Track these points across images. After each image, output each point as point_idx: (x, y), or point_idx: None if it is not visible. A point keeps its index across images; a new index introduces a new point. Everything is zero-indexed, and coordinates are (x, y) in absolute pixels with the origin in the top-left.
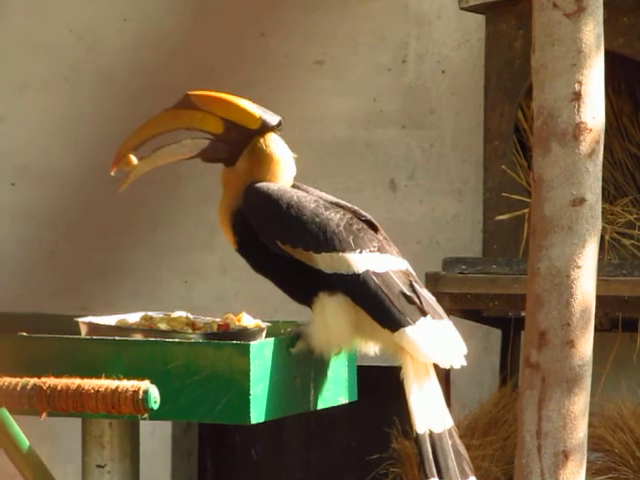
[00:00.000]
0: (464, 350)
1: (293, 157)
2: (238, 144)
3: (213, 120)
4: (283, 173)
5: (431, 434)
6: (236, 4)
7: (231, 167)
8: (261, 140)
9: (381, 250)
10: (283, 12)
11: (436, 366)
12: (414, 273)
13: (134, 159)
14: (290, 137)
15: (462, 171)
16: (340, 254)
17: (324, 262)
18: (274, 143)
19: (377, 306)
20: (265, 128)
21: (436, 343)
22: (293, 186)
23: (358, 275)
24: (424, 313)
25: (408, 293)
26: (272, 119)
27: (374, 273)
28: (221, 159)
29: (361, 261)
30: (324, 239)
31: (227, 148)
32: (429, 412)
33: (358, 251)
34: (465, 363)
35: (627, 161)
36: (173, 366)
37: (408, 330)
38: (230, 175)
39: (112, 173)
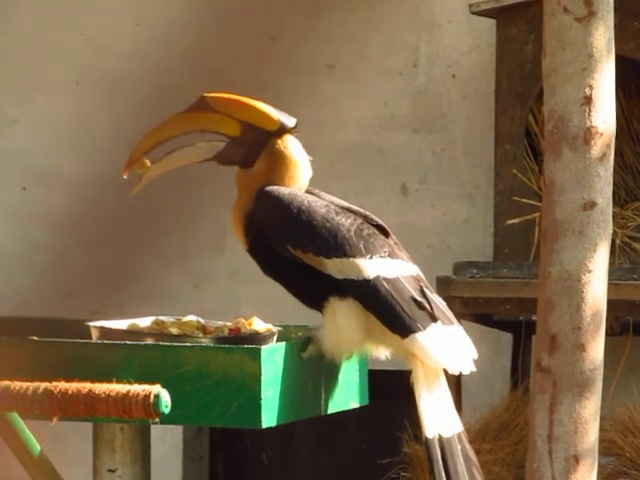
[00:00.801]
0: (474, 355)
1: (309, 159)
2: (255, 146)
3: (230, 122)
4: (301, 175)
5: (440, 439)
6: (247, 8)
7: (247, 169)
8: (279, 142)
9: (392, 255)
10: (294, 16)
11: (446, 371)
12: (424, 278)
13: (147, 162)
14: (301, 141)
15: (473, 175)
16: (351, 259)
17: (334, 267)
18: (292, 145)
19: (387, 312)
20: (283, 130)
21: (446, 349)
22: (306, 190)
23: (368, 281)
24: (434, 319)
25: (419, 299)
26: (289, 121)
27: (385, 279)
28: (237, 161)
29: (372, 267)
30: (335, 244)
31: (244, 150)
32: (439, 417)
33: (369, 257)
34: (474, 369)
35: (638, 165)
36: (184, 370)
37: (418, 336)
38: (246, 177)
39: (125, 176)
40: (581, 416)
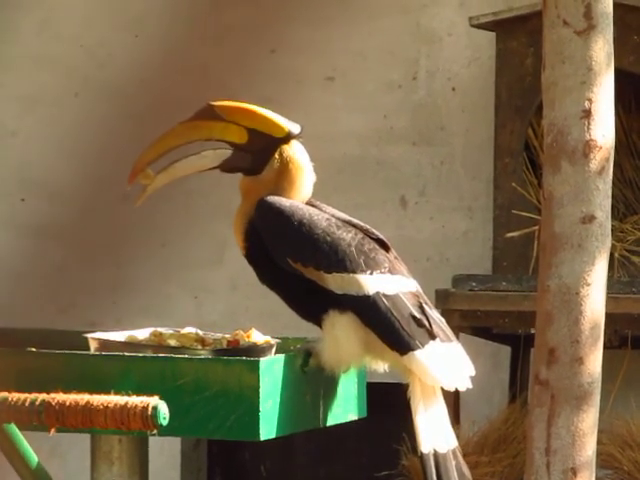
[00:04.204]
0: (471, 372)
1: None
2: (263, 153)
3: (236, 130)
4: (308, 181)
5: (436, 454)
6: (246, 20)
7: (254, 176)
8: (287, 148)
9: (392, 271)
10: (293, 28)
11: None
12: (423, 293)
13: (151, 172)
14: None
15: (472, 188)
16: (351, 275)
17: (335, 282)
18: (300, 151)
19: (386, 329)
20: (290, 136)
21: (444, 367)
22: (307, 202)
23: (368, 297)
24: (433, 336)
25: (418, 316)
26: (295, 127)
27: (384, 295)
28: (243, 169)
29: (371, 283)
30: (335, 259)
31: (251, 157)
32: (434, 432)
33: (369, 272)
34: (471, 385)
35: (637, 179)
36: (182, 382)
37: (417, 354)
38: (252, 184)
39: (128, 187)
40: (579, 429)
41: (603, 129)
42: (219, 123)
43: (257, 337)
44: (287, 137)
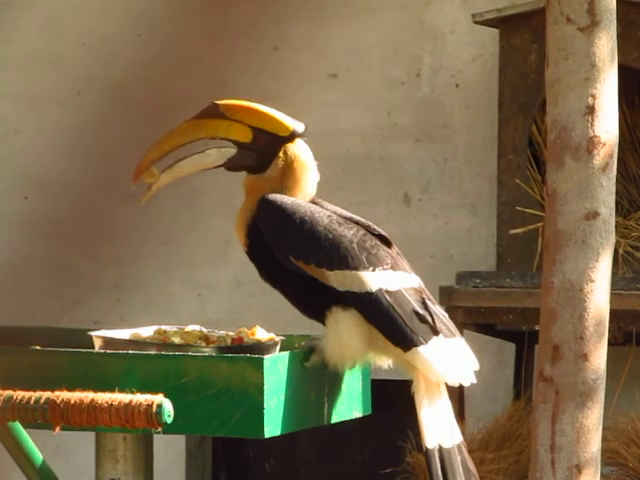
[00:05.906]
0: (475, 367)
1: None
2: (268, 152)
3: (241, 128)
4: (312, 179)
5: (440, 449)
6: (249, 18)
7: (258, 174)
8: (292, 147)
9: (394, 267)
10: (296, 26)
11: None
12: (426, 289)
13: (156, 171)
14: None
15: (476, 185)
16: (353, 272)
17: (337, 280)
18: (304, 150)
19: (390, 325)
20: (294, 135)
21: (448, 362)
22: (310, 201)
23: (371, 294)
24: (436, 332)
25: (421, 312)
26: (299, 126)
27: (387, 292)
28: (247, 167)
29: (374, 279)
30: (337, 257)
31: (255, 156)
32: (439, 427)
33: (371, 269)
34: (475, 380)
35: None
36: (187, 380)
37: (420, 350)
38: (256, 182)
39: (133, 186)
40: (583, 426)
41: (607, 125)
42: (223, 122)
43: (261, 334)
44: (291, 136)
